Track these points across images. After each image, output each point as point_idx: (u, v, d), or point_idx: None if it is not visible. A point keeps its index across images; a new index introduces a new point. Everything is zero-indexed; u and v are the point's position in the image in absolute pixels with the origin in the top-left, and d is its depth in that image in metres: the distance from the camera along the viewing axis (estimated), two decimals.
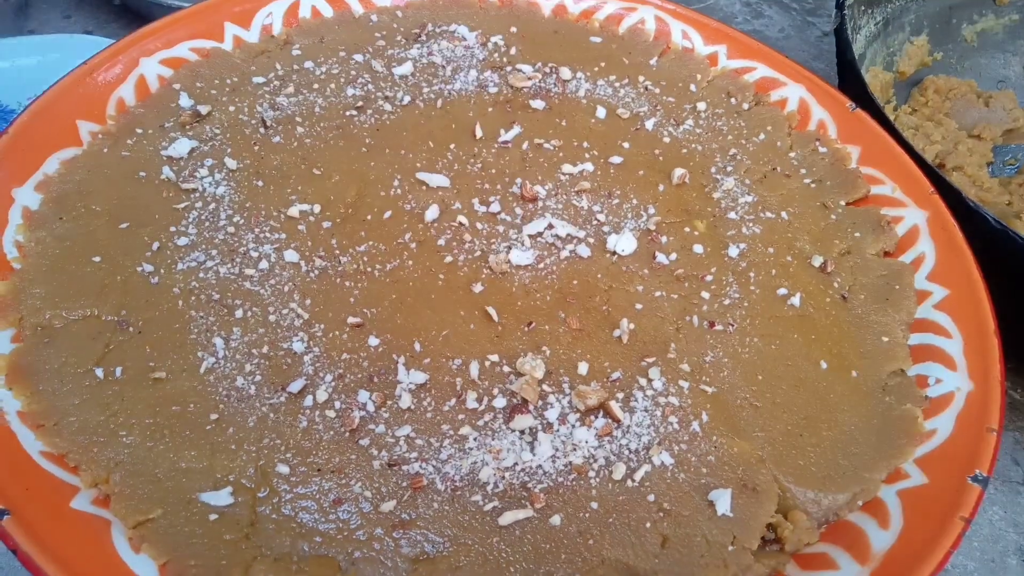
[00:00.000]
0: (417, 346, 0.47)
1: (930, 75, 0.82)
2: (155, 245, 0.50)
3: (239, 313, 0.47)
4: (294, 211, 0.52)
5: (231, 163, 0.55)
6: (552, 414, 0.44)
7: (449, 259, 0.51)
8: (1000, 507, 0.55)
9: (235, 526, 0.39)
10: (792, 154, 0.62)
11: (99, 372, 0.43)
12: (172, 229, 0.51)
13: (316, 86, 0.61)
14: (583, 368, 0.46)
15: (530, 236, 0.53)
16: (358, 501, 0.40)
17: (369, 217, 0.53)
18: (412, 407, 0.44)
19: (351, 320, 0.47)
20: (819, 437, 0.45)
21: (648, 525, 0.41)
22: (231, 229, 0.51)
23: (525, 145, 0.59)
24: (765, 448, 0.44)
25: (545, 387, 0.45)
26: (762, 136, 0.62)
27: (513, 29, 0.68)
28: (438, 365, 0.46)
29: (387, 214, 0.53)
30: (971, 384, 0.46)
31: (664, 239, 0.54)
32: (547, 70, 0.65)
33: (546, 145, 0.59)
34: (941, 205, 0.55)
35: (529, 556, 0.39)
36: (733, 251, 0.54)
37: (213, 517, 0.39)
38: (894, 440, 0.45)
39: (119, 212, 0.51)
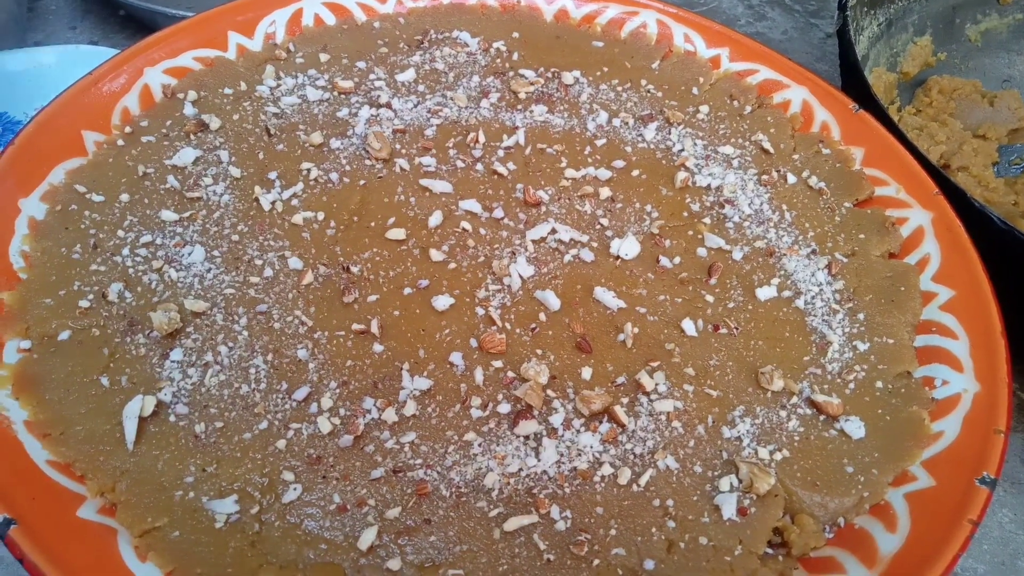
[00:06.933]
0: (421, 352, 0.47)
1: (934, 75, 0.81)
2: (160, 254, 0.50)
3: (243, 321, 0.47)
4: (298, 218, 0.53)
5: (235, 171, 0.55)
6: (556, 419, 0.44)
7: (453, 265, 0.51)
8: (1010, 509, 0.55)
9: (241, 534, 0.39)
10: (795, 156, 0.61)
11: (105, 381, 0.44)
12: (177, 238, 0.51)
13: (319, 94, 0.61)
14: (587, 373, 0.46)
15: (533, 241, 0.53)
16: (363, 508, 0.40)
17: (373, 224, 0.53)
18: (417, 413, 0.44)
19: (355, 327, 0.47)
20: (824, 440, 0.45)
21: (653, 530, 0.41)
22: (235, 237, 0.51)
23: (528, 150, 0.59)
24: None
25: (549, 392, 0.45)
26: (765, 139, 0.62)
27: (515, 34, 0.68)
28: (442, 371, 0.46)
29: (391, 220, 0.53)
30: (978, 385, 0.46)
31: (667, 243, 0.54)
32: (549, 75, 0.65)
33: (549, 150, 0.59)
34: (946, 206, 0.55)
35: (534, 562, 0.39)
36: (737, 254, 0.54)
37: (219, 525, 0.39)
38: (901, 442, 0.45)
39: (124, 221, 0.51)
